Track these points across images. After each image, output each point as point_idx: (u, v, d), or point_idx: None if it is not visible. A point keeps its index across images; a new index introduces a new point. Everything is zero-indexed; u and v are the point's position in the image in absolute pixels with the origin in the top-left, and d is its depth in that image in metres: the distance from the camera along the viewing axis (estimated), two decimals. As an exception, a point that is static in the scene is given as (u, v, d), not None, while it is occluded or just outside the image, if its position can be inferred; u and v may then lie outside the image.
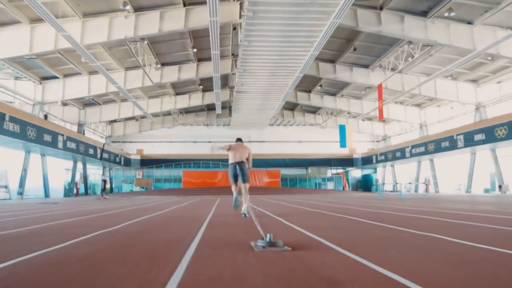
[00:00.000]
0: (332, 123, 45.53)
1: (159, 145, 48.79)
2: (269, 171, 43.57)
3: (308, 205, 13.66)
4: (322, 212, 9.62)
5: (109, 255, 3.55)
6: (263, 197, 25.80)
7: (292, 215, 8.61)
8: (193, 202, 18.45)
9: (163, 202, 18.16)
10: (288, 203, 15.86)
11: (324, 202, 16.45)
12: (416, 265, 3.01)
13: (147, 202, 19.02)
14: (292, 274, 2.65)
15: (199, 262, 3.11)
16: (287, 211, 9.97)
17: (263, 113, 39.39)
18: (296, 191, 40.00)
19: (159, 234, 5.28)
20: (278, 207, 12.10)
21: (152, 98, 37.19)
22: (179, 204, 15.39)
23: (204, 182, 41.76)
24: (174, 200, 22.36)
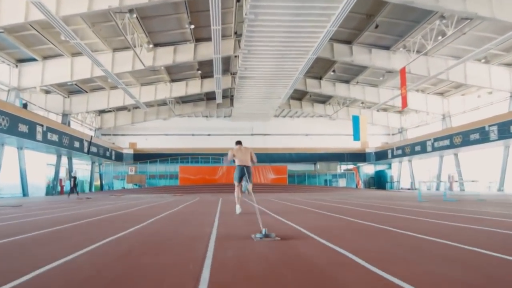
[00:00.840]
0: (344, 114, 42.73)
1: (154, 138, 46.11)
2: (274, 167, 40.80)
3: (328, 208, 10.90)
4: (364, 224, 6.83)
5: None
6: (269, 196, 23.06)
7: (319, 231, 5.87)
8: (190, 203, 15.71)
9: (155, 204, 15.41)
10: (299, 205, 13.13)
11: (348, 203, 13.71)
12: None
13: (136, 203, 16.27)
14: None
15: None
16: (306, 223, 7.23)
17: (268, 103, 36.62)
18: (305, 188, 37.25)
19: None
20: (291, 214, 9.36)
21: (145, 86, 34.39)
22: (173, 208, 12.66)
23: (203, 178, 39.03)
24: (169, 200, 19.63)
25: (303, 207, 12.41)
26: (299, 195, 27.48)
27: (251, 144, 44.53)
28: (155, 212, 10.58)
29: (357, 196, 24.19)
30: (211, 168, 40.37)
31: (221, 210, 11.49)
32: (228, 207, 12.52)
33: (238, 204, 9.68)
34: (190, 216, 9.48)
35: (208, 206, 13.64)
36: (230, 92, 39.65)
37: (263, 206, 13.07)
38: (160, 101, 39.07)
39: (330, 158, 45.76)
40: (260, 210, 9.73)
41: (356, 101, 39.37)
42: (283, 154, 45.49)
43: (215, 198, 21.96)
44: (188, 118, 46.76)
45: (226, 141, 44.45)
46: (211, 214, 9.90)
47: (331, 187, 39.90)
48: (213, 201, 17.52)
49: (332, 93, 35.35)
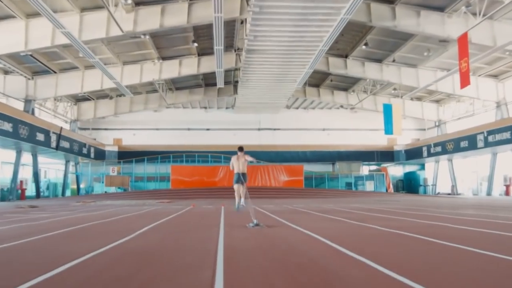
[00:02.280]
0: (370, 104, 37.24)
1: (143, 133, 40.74)
2: (288, 167, 35.23)
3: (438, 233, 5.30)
4: None
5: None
6: (285, 202, 17.55)
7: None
8: (174, 217, 10.23)
9: (118, 219, 9.89)
10: (361, 221, 7.53)
11: (433, 217, 8.13)
12: None
13: (88, 217, 10.74)
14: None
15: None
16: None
17: (280, 89, 31.19)
18: (325, 193, 31.69)
19: None
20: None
21: (128, 65, 28.89)
22: (135, 229, 7.22)
23: (200, 181, 33.49)
24: (147, 210, 14.13)
25: (383, 230, 6.88)
26: (323, 201, 22.03)
27: (258, 141, 39.45)
28: (75, 250, 4.98)
29: (412, 204, 18.57)
30: (210, 169, 34.83)
31: (226, 236, 5.97)
32: (239, 230, 7.05)
33: (237, 199, 12.37)
34: (149, 261, 3.91)
35: (201, 226, 8.17)
36: (233, 77, 34.21)
37: (304, 226, 7.64)
38: (147, 85, 33.68)
39: (351, 157, 40.26)
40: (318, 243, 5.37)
41: (385, 88, 33.76)
42: (295, 152, 40.01)
43: (215, 206, 16.47)
44: (184, 109, 41.33)
45: (228, 137, 39.22)
46: (203, 253, 4.36)
47: (357, 192, 34.28)
48: (211, 214, 12.03)
49: (360, 75, 29.75)
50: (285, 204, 18.99)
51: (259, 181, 33.68)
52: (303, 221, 8.84)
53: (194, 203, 17.22)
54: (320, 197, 29.58)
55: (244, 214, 10.66)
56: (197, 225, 8.60)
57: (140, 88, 34.95)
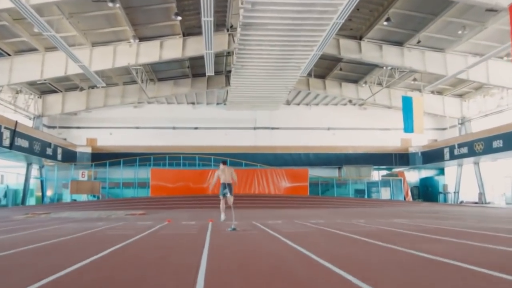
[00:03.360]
0: (383, 98, 33.34)
1: (121, 132, 36.49)
2: (291, 171, 31.09)
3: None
4: None
5: None
6: (287, 213, 13.46)
7: None
8: (125, 248, 6.04)
9: (36, 247, 5.67)
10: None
11: None
12: None
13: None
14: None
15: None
16: None
17: (281, 77, 27.20)
18: (334, 201, 27.71)
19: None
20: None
21: (98, 46, 24.70)
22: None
23: (186, 187, 29.29)
24: (100, 229, 10.08)
25: None
26: (338, 213, 18.04)
27: (254, 141, 35.58)
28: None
29: (459, 217, 14.55)
30: (198, 173, 30.64)
31: None
32: None
33: (223, 213, 12.65)
34: None
35: (155, 278, 3.84)
36: (225, 65, 30.16)
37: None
38: (124, 74, 29.65)
39: (360, 161, 36.27)
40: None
41: (403, 78, 29.72)
42: (297, 154, 35.96)
43: (199, 223, 12.35)
44: (168, 105, 37.21)
45: (220, 137, 35.54)
46: None
47: (371, 200, 30.20)
48: (189, 240, 7.99)
49: (377, 60, 25.73)
50: (294, 217, 14.92)
51: (256, 187, 29.51)
52: (379, 271, 4.57)
53: (171, 219, 13.02)
54: (330, 207, 25.57)
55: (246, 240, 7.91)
56: (149, 274, 4.41)
57: (115, 78, 30.73)
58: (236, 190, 28.91)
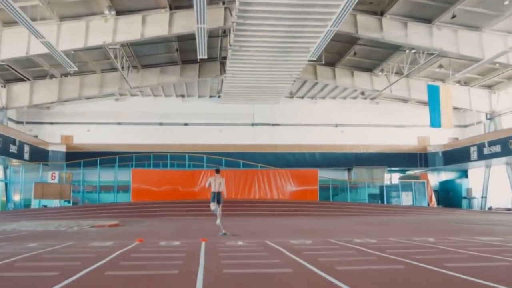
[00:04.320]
0: (400, 89, 29.76)
1: (101, 129, 32.90)
2: (297, 173, 27.46)
3: None
4: None
5: None
6: (296, 223, 9.99)
7: None
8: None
9: None
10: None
11: None
12: None
13: None
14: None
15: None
16: None
17: (286, 62, 23.91)
18: (349, 208, 24.34)
19: None
20: None
21: (67, 21, 21.00)
22: None
23: (173, 191, 25.63)
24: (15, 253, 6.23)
25: None
26: (361, 222, 14.53)
27: (252, 139, 32.65)
28: None
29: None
30: (188, 174, 26.99)
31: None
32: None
33: (218, 218, 13.07)
34: None
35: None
36: (220, 50, 26.59)
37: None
38: (101, 59, 26.04)
39: (372, 161, 32.85)
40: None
41: (428, 63, 26.11)
42: (301, 154, 32.52)
43: (186, 243, 8.64)
44: (154, 98, 33.65)
45: (213, 134, 32.59)
46: None
47: (392, 206, 26.65)
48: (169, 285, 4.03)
49: (400, 40, 22.22)
50: (319, 231, 11.35)
51: (256, 192, 25.87)
52: None
53: (143, 237, 9.26)
54: (346, 215, 22.12)
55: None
56: None
57: (92, 64, 27.03)
58: (233, 194, 25.47)
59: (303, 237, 10.03)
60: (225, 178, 25.09)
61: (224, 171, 26.64)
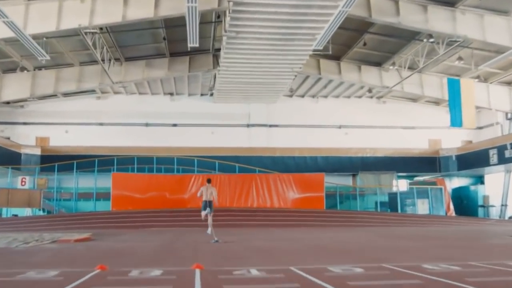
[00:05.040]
0: (412, 85, 27.63)
1: (81, 130, 30.28)
2: (301, 177, 24.90)
3: None
4: None
5: None
6: (302, 237, 7.95)
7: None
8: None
9: None
10: None
11: None
12: None
13: None
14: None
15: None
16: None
17: (288, 53, 21.93)
18: (357, 217, 21.98)
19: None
20: None
21: (36, 1, 18.33)
22: None
23: (160, 198, 23.03)
24: None
25: None
26: (380, 234, 12.33)
27: (247, 141, 30.72)
28: None
29: None
30: (177, 179, 24.48)
31: None
32: None
33: (209, 227, 13.22)
34: None
35: None
36: (213, 41, 24.08)
37: None
38: (80, 49, 23.49)
39: (379, 166, 30.46)
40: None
41: (448, 55, 23.71)
42: (301, 158, 30.18)
43: (174, 273, 5.85)
44: (140, 96, 31.21)
45: (205, 136, 30.55)
46: None
47: (408, 216, 24.19)
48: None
49: (420, 26, 19.88)
50: (351, 250, 8.92)
51: (254, 199, 23.30)
52: None
53: (106, 264, 6.46)
54: (360, 225, 19.80)
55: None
56: None
57: (69, 56, 24.45)
58: (228, 202, 22.96)
59: (338, 259, 7.58)
60: (219, 183, 23.63)
61: (218, 175, 24.26)
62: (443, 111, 32.34)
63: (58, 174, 26.35)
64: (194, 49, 25.39)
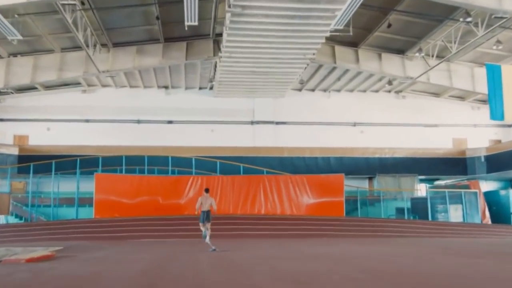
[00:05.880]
0: (439, 76, 25.02)
1: (64, 127, 27.67)
2: (316, 179, 22.04)
3: None
4: None
5: None
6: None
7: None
8: None
9: None
10: None
11: None
12: None
13: None
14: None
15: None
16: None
17: (302, 35, 19.57)
18: (390, 227, 18.89)
19: None
20: None
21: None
22: None
23: (152, 203, 20.21)
24: None
25: None
26: (416, 246, 9.93)
27: (251, 140, 28.89)
28: None
29: None
30: (171, 181, 21.69)
31: None
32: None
33: (203, 229, 13.08)
34: None
35: None
36: (214, 23, 21.32)
37: None
38: (60, 29, 20.55)
39: (399, 168, 27.77)
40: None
41: (487, 36, 20.91)
42: (312, 159, 27.48)
43: None
44: (131, 89, 28.67)
45: (204, 134, 28.22)
46: None
47: (441, 224, 21.35)
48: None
49: (460, 0, 16.98)
50: (437, 284, 5.88)
51: (262, 204, 20.40)
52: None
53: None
54: (391, 235, 16.96)
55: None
56: None
57: (48, 40, 21.67)
58: (231, 209, 20.24)
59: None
60: (221, 186, 21.17)
61: (219, 177, 21.53)
62: (468, 107, 30.11)
63: (38, 176, 23.62)
64: (192, 34, 22.91)
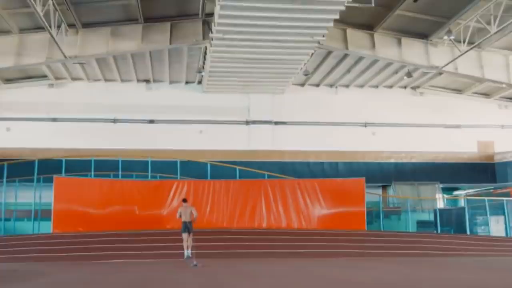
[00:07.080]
0: (468, 65, 22.54)
1: (28, 127, 25.10)
2: (330, 183, 19.21)
3: None
4: None
5: None
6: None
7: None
8: None
9: None
10: None
11: None
12: None
13: None
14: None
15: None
16: None
17: (309, 13, 16.43)
18: (427, 243, 15.95)
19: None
20: None
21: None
22: None
23: (126, 214, 17.00)
24: None
25: None
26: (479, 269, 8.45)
27: (246, 143, 26.68)
28: None
29: None
30: (151, 187, 18.78)
31: None
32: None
33: (186, 250, 13.14)
34: None
35: None
36: (203, 1, 18.28)
37: None
38: (17, 5, 17.50)
39: (417, 175, 25.53)
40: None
41: None
42: (317, 164, 25.40)
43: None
44: (106, 83, 26.14)
45: (192, 136, 25.85)
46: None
47: (483, 238, 18.39)
48: None
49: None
50: None
51: (263, 216, 17.29)
52: None
53: None
54: (418, 253, 13.98)
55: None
56: None
57: (3, 18, 18.56)
58: (225, 222, 17.15)
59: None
60: (212, 193, 18.52)
61: (210, 182, 18.66)
62: (495, 105, 27.78)
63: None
64: (177, 13, 20.04)
